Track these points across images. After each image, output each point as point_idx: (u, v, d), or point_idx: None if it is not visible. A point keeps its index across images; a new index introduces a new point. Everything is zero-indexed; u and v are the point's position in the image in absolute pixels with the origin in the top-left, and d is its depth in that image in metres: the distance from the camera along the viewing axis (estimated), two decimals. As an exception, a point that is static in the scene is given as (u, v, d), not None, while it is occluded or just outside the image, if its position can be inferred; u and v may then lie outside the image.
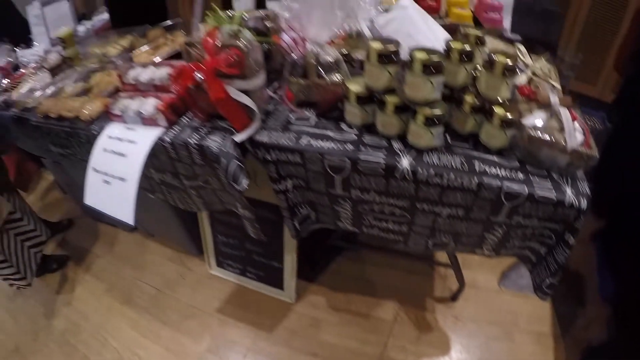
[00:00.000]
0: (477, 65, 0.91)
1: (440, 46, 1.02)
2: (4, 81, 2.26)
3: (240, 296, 1.84)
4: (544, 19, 2.72)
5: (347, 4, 1.02)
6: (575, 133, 0.83)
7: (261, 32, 1.07)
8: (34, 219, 1.95)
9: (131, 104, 1.09)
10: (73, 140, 1.41)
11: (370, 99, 0.92)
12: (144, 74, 1.11)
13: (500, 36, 1.35)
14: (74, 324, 1.88)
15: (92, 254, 2.27)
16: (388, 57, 0.85)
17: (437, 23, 1.27)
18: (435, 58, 0.81)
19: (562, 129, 0.84)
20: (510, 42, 1.32)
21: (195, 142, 0.97)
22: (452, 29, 1.24)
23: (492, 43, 1.19)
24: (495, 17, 1.46)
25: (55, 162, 2.10)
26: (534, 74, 1.15)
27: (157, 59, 1.35)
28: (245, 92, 0.91)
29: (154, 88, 1.09)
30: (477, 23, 1.44)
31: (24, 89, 1.89)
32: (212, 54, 0.88)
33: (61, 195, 2.87)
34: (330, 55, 0.97)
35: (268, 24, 1.07)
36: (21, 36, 3.38)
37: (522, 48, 1.30)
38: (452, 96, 0.94)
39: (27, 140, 1.87)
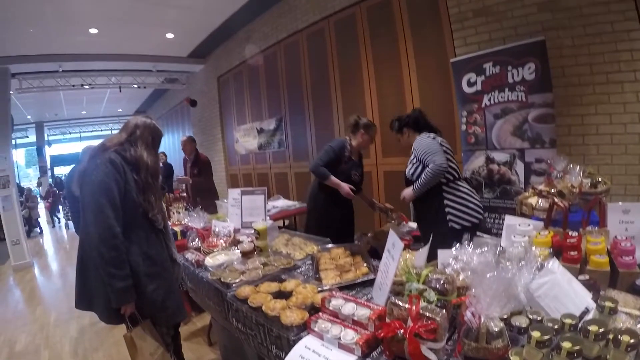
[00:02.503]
0: (609, 337, 1.11)
1: (581, 304, 1.31)
2: (198, 241, 2.84)
3: None
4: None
5: (513, 283, 1.32)
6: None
7: (441, 292, 1.39)
8: None
9: (332, 329, 1.44)
10: (261, 329, 1.76)
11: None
12: (346, 308, 1.48)
13: (633, 287, 1.54)
14: None
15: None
16: (543, 343, 1.11)
17: (579, 283, 1.48)
18: (577, 347, 1.04)
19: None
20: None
21: (385, 376, 1.26)
22: (591, 286, 1.49)
23: (624, 299, 1.40)
24: (629, 261, 1.62)
25: (223, 327, 2.48)
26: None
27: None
28: (432, 349, 1.20)
29: (352, 321, 1.44)
30: (614, 265, 1.64)
31: (217, 259, 2.38)
32: (414, 320, 1.22)
33: (206, 343, 3.28)
34: (497, 326, 1.25)
35: (447, 286, 1.40)
36: (209, 201, 4.21)
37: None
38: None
39: (210, 304, 2.28)
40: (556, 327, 1.20)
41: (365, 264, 2.04)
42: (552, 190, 2.17)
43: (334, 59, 5.64)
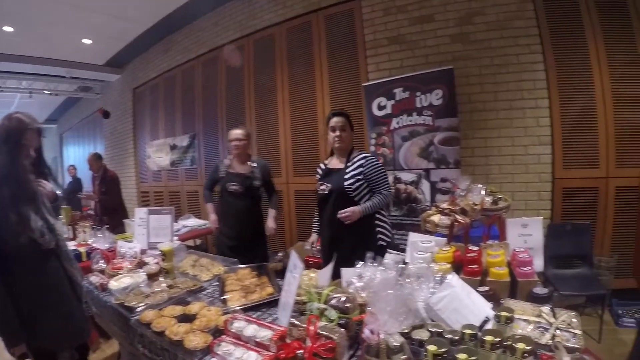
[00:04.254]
0: (505, 345, 1.15)
1: (481, 314, 1.37)
2: (102, 263, 2.64)
3: None
4: (575, 234, 3.10)
5: (412, 298, 1.36)
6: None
7: (343, 311, 1.40)
8: None
9: (234, 352, 1.39)
10: (166, 354, 1.66)
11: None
12: (248, 330, 1.43)
13: (531, 295, 1.65)
14: None
15: None
16: (440, 356, 1.14)
17: (478, 295, 1.55)
18: (473, 357, 1.09)
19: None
20: (540, 299, 1.59)
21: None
22: (491, 296, 1.58)
23: (522, 308, 1.49)
24: (527, 271, 1.75)
25: (131, 353, 2.33)
26: (557, 328, 1.36)
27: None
28: (332, 370, 1.20)
29: (255, 343, 1.40)
30: (513, 276, 1.74)
31: (122, 282, 2.22)
32: (313, 340, 1.20)
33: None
34: (397, 341, 1.27)
35: (348, 304, 1.41)
36: (117, 220, 3.97)
37: (546, 309, 1.49)
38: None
39: (115, 329, 2.13)
40: (457, 338, 1.24)
41: (271, 284, 2.01)
42: (455, 208, 2.28)
43: (251, 78, 5.62)
